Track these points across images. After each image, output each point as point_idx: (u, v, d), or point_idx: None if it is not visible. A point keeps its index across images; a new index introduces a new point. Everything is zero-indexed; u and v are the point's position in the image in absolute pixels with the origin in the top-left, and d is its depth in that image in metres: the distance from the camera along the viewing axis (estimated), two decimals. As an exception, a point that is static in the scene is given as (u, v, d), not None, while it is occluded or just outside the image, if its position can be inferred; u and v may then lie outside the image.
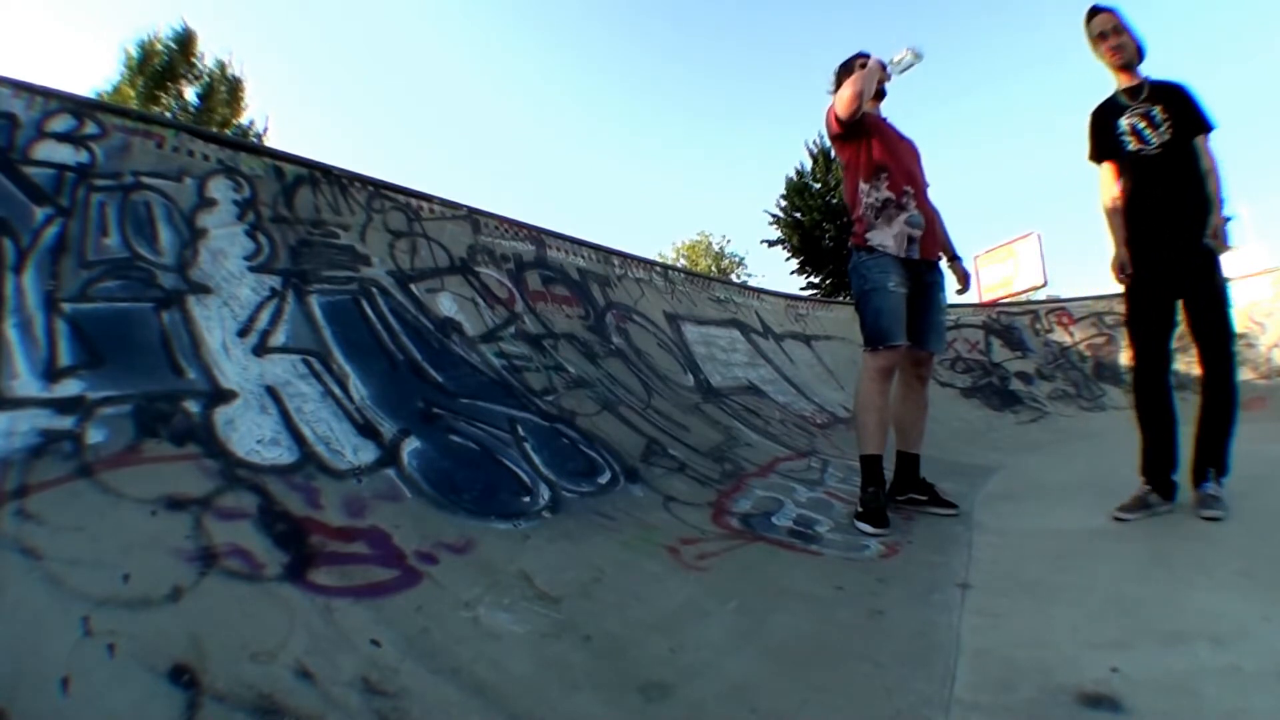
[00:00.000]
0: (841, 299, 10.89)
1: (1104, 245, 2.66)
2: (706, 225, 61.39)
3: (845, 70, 2.91)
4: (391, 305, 3.08)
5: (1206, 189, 2.41)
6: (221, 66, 17.38)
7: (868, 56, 2.87)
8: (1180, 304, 2.47)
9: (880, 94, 2.90)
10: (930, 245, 2.83)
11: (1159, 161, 2.47)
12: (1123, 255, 2.52)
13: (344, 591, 1.54)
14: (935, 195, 2.94)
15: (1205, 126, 2.47)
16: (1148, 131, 2.49)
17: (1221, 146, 2.49)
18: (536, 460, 2.59)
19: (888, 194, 2.76)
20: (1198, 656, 1.34)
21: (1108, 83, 2.65)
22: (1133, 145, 2.52)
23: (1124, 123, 2.54)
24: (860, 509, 2.63)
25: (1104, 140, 2.62)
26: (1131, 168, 2.54)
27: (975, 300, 13.32)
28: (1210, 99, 2.49)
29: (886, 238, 2.74)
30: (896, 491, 2.90)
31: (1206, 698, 1.19)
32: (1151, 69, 2.59)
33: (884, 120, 2.92)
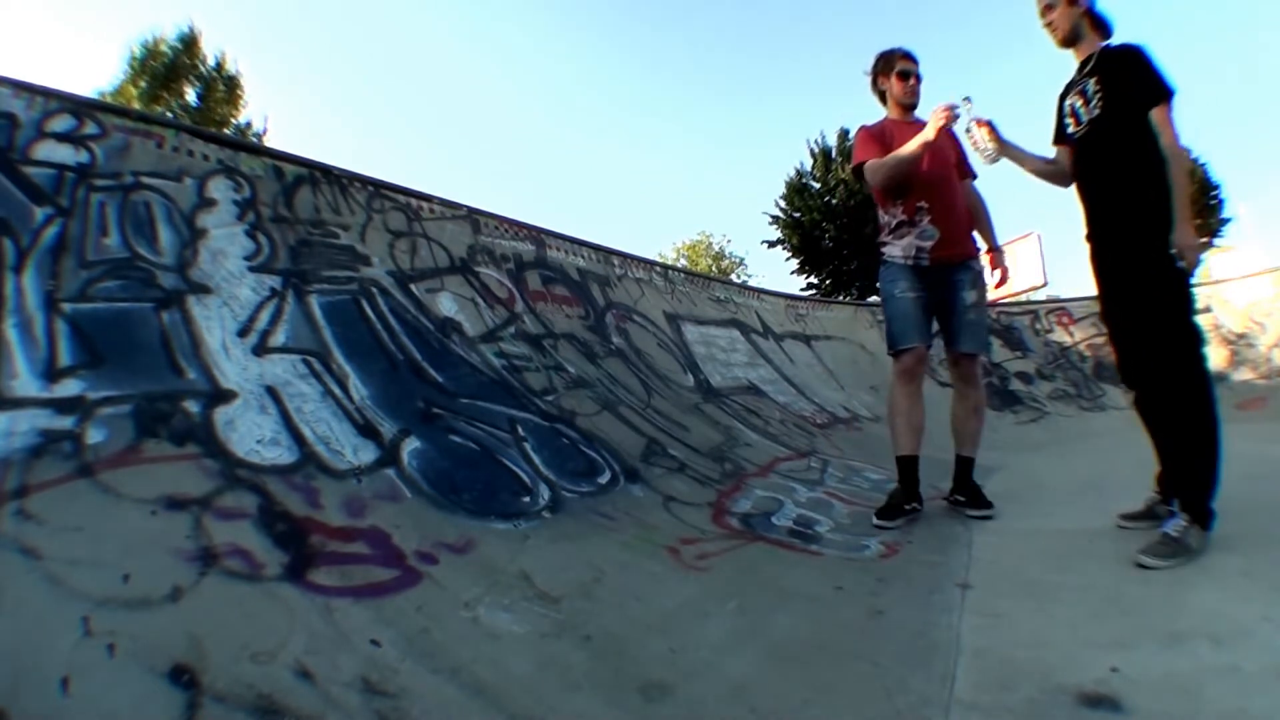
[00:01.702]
0: (841, 299, 10.88)
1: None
2: (707, 225, 61.44)
3: (884, 63, 2.91)
4: (391, 305, 3.08)
5: (1149, 174, 2.01)
6: (219, 65, 17.36)
7: (910, 57, 2.88)
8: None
9: (912, 105, 2.92)
10: (946, 250, 2.80)
11: (1086, 142, 2.20)
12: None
13: (344, 591, 1.54)
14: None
15: (1143, 97, 2.03)
16: (1082, 109, 2.20)
17: (1222, 145, 2.45)
18: (536, 460, 2.59)
19: (901, 216, 2.83)
20: (1198, 656, 1.34)
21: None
22: (1071, 127, 2.27)
23: (1067, 103, 2.28)
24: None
25: (1056, 124, 2.38)
26: (1073, 152, 2.29)
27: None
28: (1212, 96, 2.42)
29: (895, 249, 2.85)
30: (951, 492, 2.92)
31: (1206, 698, 1.19)
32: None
33: (912, 124, 2.86)
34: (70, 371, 1.91)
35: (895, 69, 2.87)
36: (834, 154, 20.45)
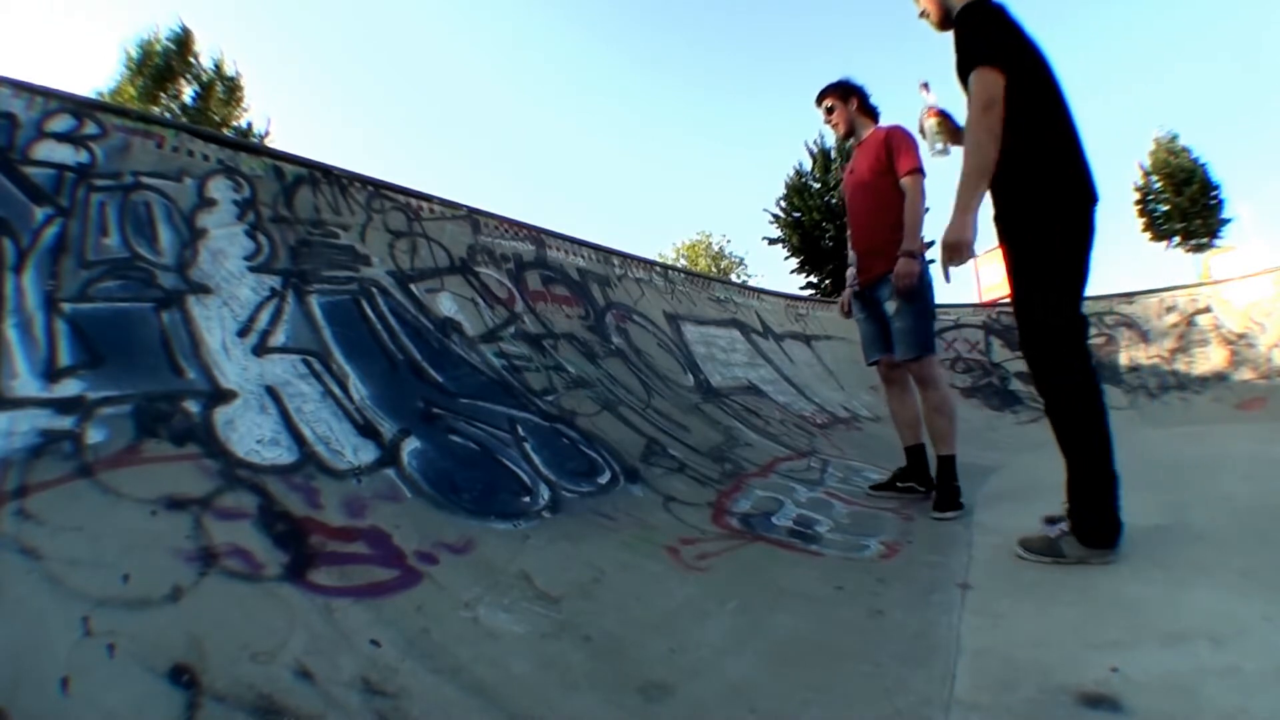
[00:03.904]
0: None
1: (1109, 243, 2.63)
2: (706, 225, 61.50)
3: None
4: (391, 305, 3.08)
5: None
6: (218, 66, 17.33)
7: (820, 97, 3.06)
8: None
9: (846, 135, 3.12)
10: (865, 274, 3.02)
11: None
12: None
13: (344, 591, 1.54)
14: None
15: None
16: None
17: (1222, 145, 2.45)
18: (536, 460, 2.59)
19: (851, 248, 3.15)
20: (1198, 656, 1.34)
21: (1103, 82, 2.55)
22: None
23: None
24: None
25: None
26: None
27: (975, 300, 13.31)
28: (1212, 95, 2.41)
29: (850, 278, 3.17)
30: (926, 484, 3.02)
31: (1206, 698, 1.19)
32: (1143, 67, 2.40)
33: (859, 146, 3.08)
34: (70, 371, 1.91)
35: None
36: (833, 155, 20.45)
